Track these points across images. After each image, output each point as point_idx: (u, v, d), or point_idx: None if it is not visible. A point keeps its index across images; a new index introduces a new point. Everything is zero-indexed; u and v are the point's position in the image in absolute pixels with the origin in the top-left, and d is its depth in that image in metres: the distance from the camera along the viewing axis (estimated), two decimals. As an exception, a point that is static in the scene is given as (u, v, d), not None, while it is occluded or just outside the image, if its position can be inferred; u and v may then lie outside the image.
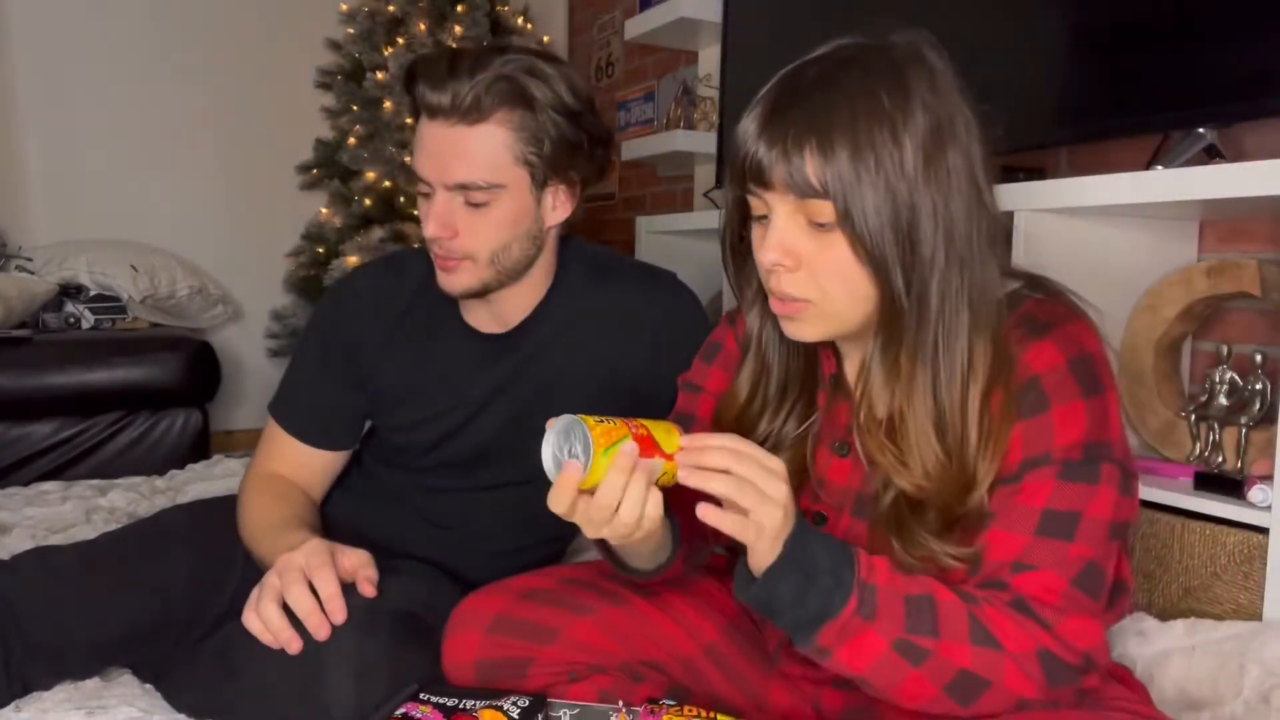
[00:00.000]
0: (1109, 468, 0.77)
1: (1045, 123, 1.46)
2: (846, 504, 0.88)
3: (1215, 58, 1.22)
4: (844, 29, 0.87)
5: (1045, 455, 0.77)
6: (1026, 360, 0.79)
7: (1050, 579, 0.75)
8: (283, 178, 3.24)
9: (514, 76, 1.08)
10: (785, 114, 0.77)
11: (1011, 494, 0.77)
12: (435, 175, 1.09)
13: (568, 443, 0.77)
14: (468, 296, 1.18)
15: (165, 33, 3.16)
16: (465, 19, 2.90)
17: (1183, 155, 1.27)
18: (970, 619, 0.74)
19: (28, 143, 3.02)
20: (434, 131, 1.09)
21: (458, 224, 1.10)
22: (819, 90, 0.77)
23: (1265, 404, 1.21)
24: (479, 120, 1.07)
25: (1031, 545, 0.76)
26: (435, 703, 0.89)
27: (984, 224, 0.79)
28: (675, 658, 0.97)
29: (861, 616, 0.74)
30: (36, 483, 2.16)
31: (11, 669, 1.05)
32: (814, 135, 0.75)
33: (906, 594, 0.75)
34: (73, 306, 2.69)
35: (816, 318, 0.82)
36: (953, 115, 0.78)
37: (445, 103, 1.06)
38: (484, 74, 1.06)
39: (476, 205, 1.10)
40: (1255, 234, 1.39)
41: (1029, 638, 0.74)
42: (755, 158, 0.78)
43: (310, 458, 1.29)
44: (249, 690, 1.02)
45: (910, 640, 0.74)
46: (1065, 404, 0.77)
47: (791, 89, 0.78)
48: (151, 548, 1.17)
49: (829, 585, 0.73)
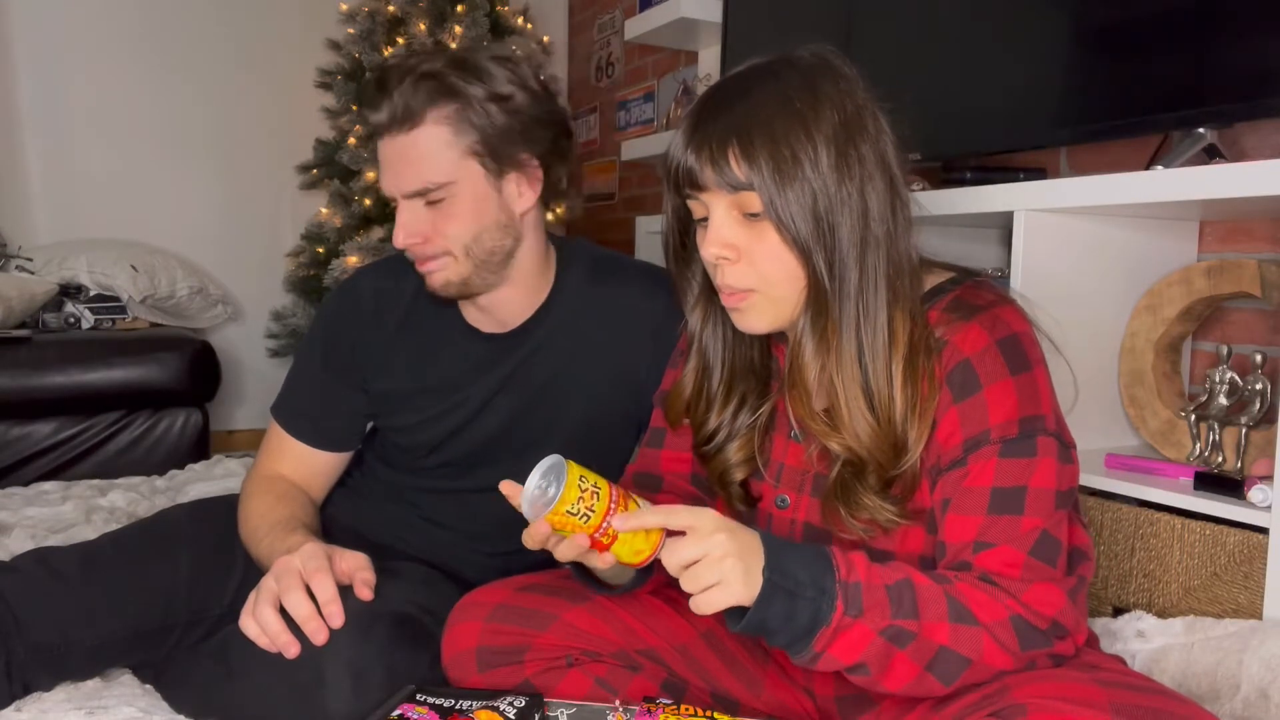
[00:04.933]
0: (1045, 440, 0.82)
1: (1045, 123, 1.46)
2: (806, 484, 0.93)
3: (1215, 58, 1.22)
4: (843, 29, 0.88)
5: (984, 434, 0.82)
6: (955, 343, 0.84)
7: (1009, 554, 0.80)
8: (283, 178, 3.24)
9: (438, 73, 1.10)
10: (710, 123, 0.85)
11: (960, 478, 0.83)
12: (393, 187, 1.13)
13: (546, 480, 0.82)
14: (457, 296, 1.19)
15: (165, 33, 3.16)
16: (465, 19, 2.90)
17: (1183, 155, 1.27)
18: (947, 598, 0.78)
19: (28, 143, 3.02)
20: (384, 148, 1.13)
21: (424, 228, 1.13)
22: (738, 99, 0.86)
23: (1265, 404, 1.21)
24: (415, 124, 1.10)
25: (986, 524, 0.81)
26: (432, 703, 0.89)
27: (898, 208, 0.86)
28: (672, 645, 0.99)
29: (850, 616, 0.77)
30: (36, 483, 2.17)
31: (12, 669, 1.05)
32: (735, 137, 0.83)
33: (886, 583, 0.79)
34: (73, 306, 2.69)
35: (763, 306, 0.88)
36: (860, 112, 0.86)
37: (384, 118, 1.11)
38: (410, 78, 1.09)
39: (435, 204, 1.13)
40: (1255, 234, 1.39)
41: (1000, 606, 0.78)
42: (686, 164, 0.86)
43: (312, 459, 1.29)
44: (248, 691, 1.02)
45: (896, 625, 0.77)
46: (995, 382, 0.82)
47: (714, 102, 0.87)
48: (152, 548, 1.17)
49: (814, 596, 0.77)
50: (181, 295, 2.91)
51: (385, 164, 1.14)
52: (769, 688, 0.99)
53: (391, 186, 1.13)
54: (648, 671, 0.98)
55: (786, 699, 0.99)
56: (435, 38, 2.91)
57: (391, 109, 1.10)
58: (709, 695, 0.99)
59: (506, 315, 1.23)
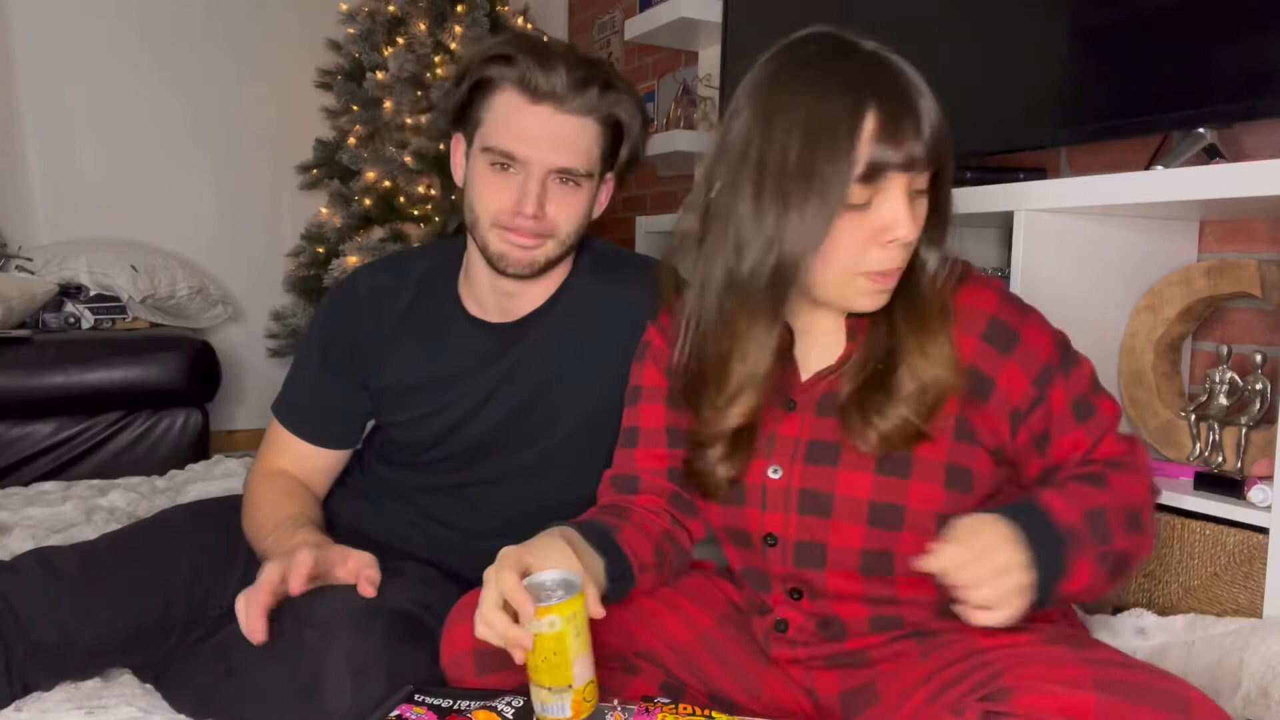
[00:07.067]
0: (1072, 349, 0.94)
1: (1045, 123, 1.46)
2: (799, 453, 0.94)
3: (1215, 58, 1.22)
4: (843, 30, 0.88)
5: (1045, 369, 0.90)
6: (969, 305, 0.91)
7: (1109, 442, 0.92)
8: (283, 178, 3.24)
9: (612, 81, 1.16)
10: (923, 100, 0.86)
11: (1046, 412, 0.90)
12: (539, 157, 1.13)
13: (559, 587, 0.81)
14: (531, 276, 1.20)
15: (165, 32, 3.16)
16: (465, 19, 2.90)
17: (1183, 155, 1.27)
18: (1122, 510, 0.86)
19: (28, 143, 3.01)
20: (540, 115, 1.13)
21: (549, 204, 1.15)
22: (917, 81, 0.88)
23: (1265, 404, 1.21)
24: (586, 114, 1.14)
25: (1085, 430, 0.91)
26: (430, 704, 0.88)
27: None
28: (671, 647, 0.98)
29: (1074, 556, 0.82)
30: (36, 483, 2.16)
31: (12, 669, 1.05)
32: (939, 116, 0.87)
33: (1083, 510, 0.84)
34: (73, 306, 2.69)
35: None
36: None
37: (561, 87, 1.12)
38: (591, 72, 1.14)
39: (564, 186, 1.15)
40: (1255, 234, 1.39)
41: (1136, 481, 0.90)
42: (934, 136, 0.86)
43: (312, 456, 1.30)
44: (248, 690, 1.03)
45: (1104, 550, 0.84)
46: (1024, 326, 0.91)
47: (909, 80, 0.87)
48: (152, 548, 1.17)
49: (1050, 561, 0.81)
50: (181, 295, 2.91)
51: (537, 133, 1.13)
52: (767, 690, 0.99)
53: (546, 156, 1.13)
54: (645, 674, 0.97)
55: (785, 700, 0.99)
56: (435, 37, 2.91)
57: (575, 85, 1.12)
58: (706, 697, 0.98)
59: (520, 305, 1.24)
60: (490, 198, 1.15)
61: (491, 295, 1.24)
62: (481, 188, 1.16)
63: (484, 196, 1.16)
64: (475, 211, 1.17)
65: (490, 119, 1.15)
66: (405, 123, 2.87)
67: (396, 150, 2.86)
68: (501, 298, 1.23)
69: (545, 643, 0.79)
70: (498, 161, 1.14)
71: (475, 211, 1.17)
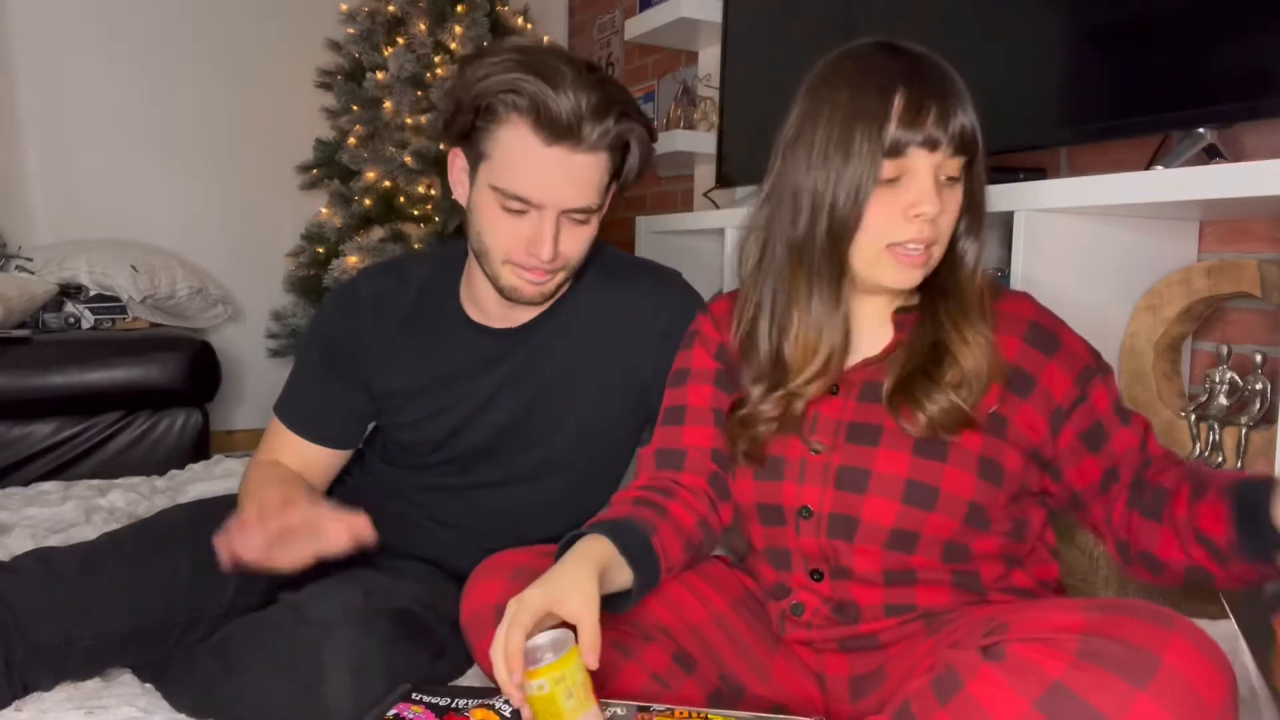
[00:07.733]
0: (1101, 356, 0.99)
1: (1045, 123, 1.46)
2: (841, 433, 0.99)
3: (1215, 58, 1.22)
4: (843, 29, 0.89)
5: (1085, 369, 0.96)
6: (1010, 311, 0.98)
7: (1151, 439, 0.96)
8: (283, 178, 3.24)
9: (626, 110, 1.11)
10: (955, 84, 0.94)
11: (1089, 410, 0.95)
12: (554, 201, 1.09)
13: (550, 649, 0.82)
14: (543, 302, 1.20)
15: (165, 33, 3.16)
16: (465, 19, 2.90)
17: (1183, 155, 1.27)
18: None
19: (28, 143, 3.01)
20: (556, 158, 1.08)
21: (562, 241, 1.13)
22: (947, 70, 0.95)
23: (1265, 404, 1.21)
24: (595, 150, 1.10)
25: (1130, 430, 0.95)
26: (428, 703, 0.89)
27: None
28: (685, 624, 1.01)
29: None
30: (36, 483, 2.16)
31: (12, 669, 1.05)
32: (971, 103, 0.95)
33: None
34: (73, 306, 2.69)
35: (935, 255, 0.97)
36: None
37: (576, 128, 1.06)
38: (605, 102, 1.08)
39: (579, 223, 1.13)
40: (1255, 234, 1.39)
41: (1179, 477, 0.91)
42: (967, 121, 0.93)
43: (312, 455, 1.30)
44: (248, 687, 1.03)
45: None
46: (1061, 330, 0.98)
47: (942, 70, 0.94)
48: (151, 548, 1.17)
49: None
50: (181, 295, 2.90)
51: (552, 176, 1.08)
52: (776, 674, 1.02)
53: (561, 199, 1.09)
54: (659, 643, 1.00)
55: (792, 684, 1.01)
56: (435, 37, 2.91)
57: (589, 118, 1.07)
58: (717, 676, 1.01)
59: (522, 312, 1.24)
60: (503, 237, 1.12)
61: (494, 303, 1.23)
62: (494, 226, 1.13)
63: (496, 234, 1.13)
64: (485, 244, 1.14)
65: (500, 156, 1.09)
66: (405, 123, 2.87)
67: (396, 150, 2.86)
68: (505, 306, 1.23)
69: (537, 704, 0.81)
70: (510, 206, 1.10)
71: (485, 244, 1.14)
